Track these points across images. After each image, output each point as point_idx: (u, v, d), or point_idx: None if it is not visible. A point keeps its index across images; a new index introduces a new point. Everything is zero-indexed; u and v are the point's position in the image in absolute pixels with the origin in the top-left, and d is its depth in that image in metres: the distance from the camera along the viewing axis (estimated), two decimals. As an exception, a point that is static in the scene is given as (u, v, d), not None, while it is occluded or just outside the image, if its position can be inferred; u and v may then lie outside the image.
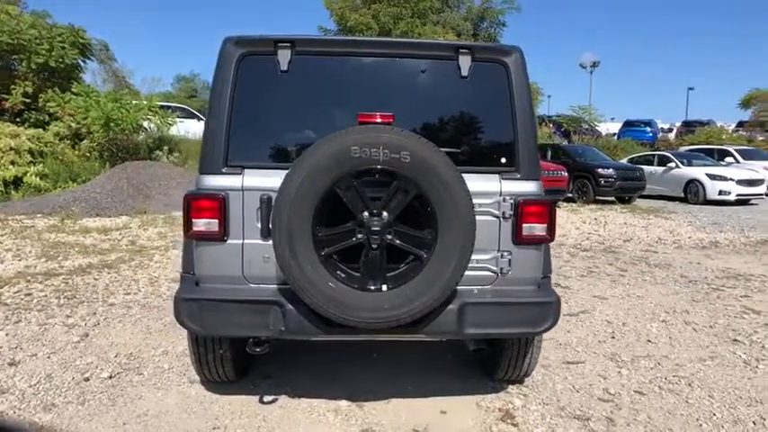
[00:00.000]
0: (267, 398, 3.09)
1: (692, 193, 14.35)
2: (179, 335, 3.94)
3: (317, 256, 2.32)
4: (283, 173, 2.50)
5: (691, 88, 44.48)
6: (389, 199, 2.32)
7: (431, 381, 3.31)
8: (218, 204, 2.53)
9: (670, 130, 32.66)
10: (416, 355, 3.66)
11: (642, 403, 3.10)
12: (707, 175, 14.23)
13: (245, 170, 2.56)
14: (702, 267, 6.65)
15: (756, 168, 15.63)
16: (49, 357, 3.56)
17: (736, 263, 6.92)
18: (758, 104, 30.74)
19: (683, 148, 20.31)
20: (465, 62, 2.60)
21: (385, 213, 2.32)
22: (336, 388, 3.18)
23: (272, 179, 2.54)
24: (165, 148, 13.85)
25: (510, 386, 3.28)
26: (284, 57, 2.55)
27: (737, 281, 5.95)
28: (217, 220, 2.53)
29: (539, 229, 2.61)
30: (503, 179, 2.61)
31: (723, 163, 16.70)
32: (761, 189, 14.33)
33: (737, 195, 13.85)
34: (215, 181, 2.56)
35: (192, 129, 20.25)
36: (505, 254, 2.61)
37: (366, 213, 2.32)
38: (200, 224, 2.54)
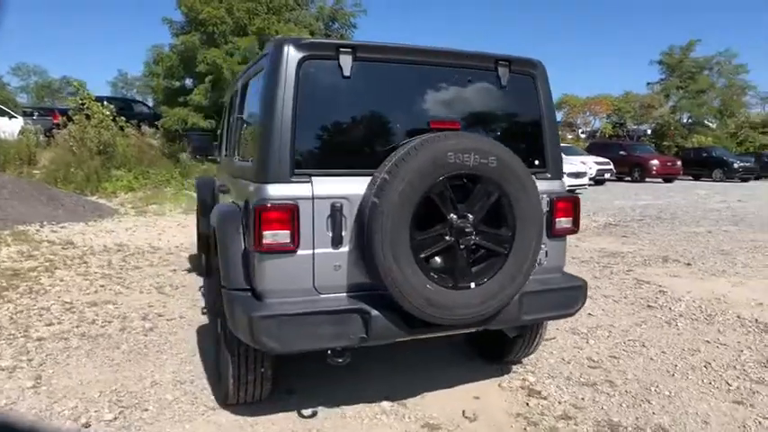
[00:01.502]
0: (305, 411, 3.00)
1: None
2: (152, 363, 3.59)
3: (414, 259, 2.37)
4: (352, 179, 2.51)
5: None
6: (475, 201, 2.46)
7: (444, 373, 3.49)
8: (290, 215, 2.41)
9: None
10: (416, 353, 3.80)
11: (622, 365, 3.66)
12: None
13: (313, 178, 2.48)
14: (582, 249, 7.77)
15: (574, 162, 18.39)
16: (14, 411, 2.98)
17: (604, 243, 8.21)
18: (566, 108, 36.01)
19: None
20: (504, 73, 2.83)
21: (470, 215, 2.45)
22: (367, 392, 3.20)
23: (341, 186, 2.51)
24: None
25: (514, 366, 3.61)
26: (346, 62, 2.52)
27: (615, 258, 7.10)
28: (288, 231, 2.42)
29: (567, 222, 2.96)
30: (537, 179, 2.89)
31: None
32: (584, 180, 16.91)
33: (568, 186, 16.16)
34: (284, 190, 2.44)
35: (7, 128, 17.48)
36: (543, 246, 2.90)
37: (455, 216, 2.43)
38: (272, 236, 2.40)
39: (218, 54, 16.86)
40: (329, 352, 2.55)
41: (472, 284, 2.49)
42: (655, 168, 21.44)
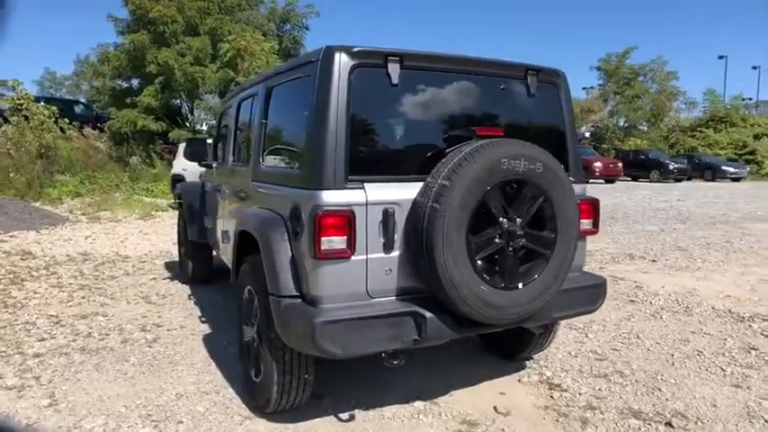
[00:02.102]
0: (343, 415, 3.03)
1: None
2: (168, 375, 3.53)
3: (470, 262, 2.46)
4: (402, 185, 2.58)
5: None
6: (522, 205, 2.59)
7: (463, 371, 3.60)
8: (347, 221, 2.45)
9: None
10: (427, 352, 3.85)
11: (624, 356, 3.90)
12: None
13: (365, 184, 2.53)
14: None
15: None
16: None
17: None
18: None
19: None
20: (532, 82, 2.98)
21: (518, 218, 2.58)
22: (395, 392, 3.27)
23: (392, 192, 2.58)
24: None
25: (527, 362, 3.77)
26: (394, 70, 2.58)
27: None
28: (345, 238, 2.45)
29: (589, 224, 3.14)
30: None
31: None
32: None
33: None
34: (340, 197, 2.47)
35: None
36: None
37: (505, 219, 2.54)
38: (329, 243, 2.43)
39: (170, 54, 16.36)
40: (383, 355, 2.60)
41: (520, 285, 2.61)
42: (598, 170, 22.55)
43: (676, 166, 24.39)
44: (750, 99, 37.92)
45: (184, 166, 13.49)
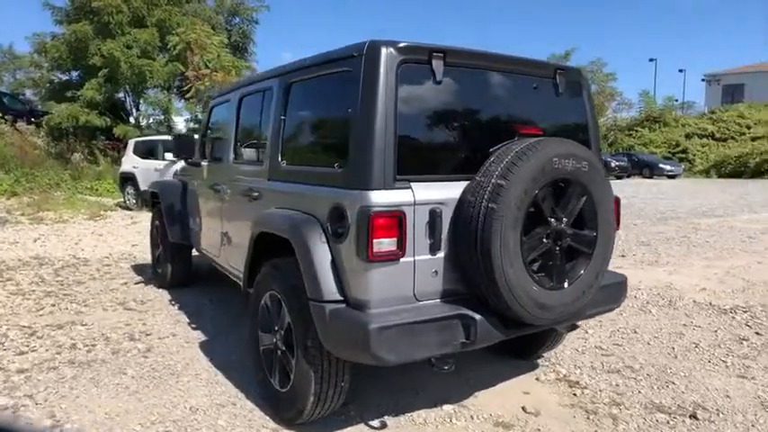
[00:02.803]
0: (373, 423, 2.93)
1: None
2: (175, 387, 3.32)
3: (523, 262, 2.42)
4: (447, 184, 2.51)
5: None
6: (568, 204, 2.57)
7: (480, 373, 3.56)
8: (398, 221, 2.35)
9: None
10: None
11: (628, 351, 3.99)
12: None
13: (412, 183, 2.44)
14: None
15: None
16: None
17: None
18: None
19: None
20: (561, 81, 2.97)
21: (564, 218, 2.56)
22: (421, 397, 3.20)
23: (438, 191, 2.51)
24: None
25: (538, 361, 3.79)
26: (438, 67, 2.50)
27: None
28: (395, 239, 2.36)
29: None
30: None
31: None
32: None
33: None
34: (390, 197, 2.36)
35: None
36: None
37: (553, 219, 2.52)
38: (381, 245, 2.32)
39: (116, 46, 15.53)
40: (432, 360, 2.52)
41: (566, 284, 2.60)
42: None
43: (618, 163, 25.55)
44: (677, 100, 40.26)
45: (135, 164, 12.86)
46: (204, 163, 4.51)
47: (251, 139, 3.64)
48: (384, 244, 2.33)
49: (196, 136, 4.86)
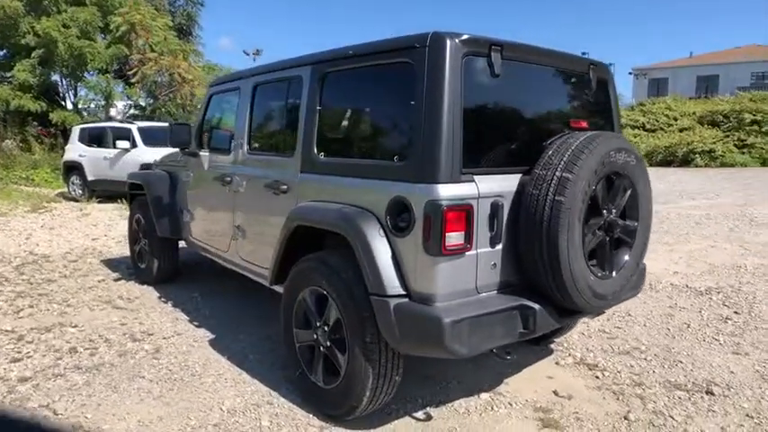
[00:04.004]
0: (418, 415, 2.95)
1: None
2: (201, 390, 3.21)
3: (583, 253, 2.49)
4: (505, 177, 2.55)
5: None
6: (616, 196, 2.66)
7: (503, 361, 3.62)
8: (466, 215, 2.36)
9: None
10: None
11: (630, 333, 4.20)
12: None
13: (475, 176, 2.44)
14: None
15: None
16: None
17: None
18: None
19: None
20: (593, 76, 3.06)
21: (614, 209, 2.65)
22: (456, 387, 3.25)
23: (499, 184, 2.54)
24: None
25: (552, 345, 3.93)
26: (497, 60, 2.51)
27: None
28: (464, 232, 2.36)
29: None
30: None
31: None
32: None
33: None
34: (458, 190, 2.36)
35: None
36: None
37: (606, 211, 2.61)
38: (452, 238, 2.32)
39: (53, 25, 14.48)
40: (494, 350, 2.55)
41: (614, 273, 2.70)
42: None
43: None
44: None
45: (81, 152, 12.08)
46: (204, 153, 4.31)
47: (272, 129, 3.50)
48: (454, 237, 2.33)
49: (192, 124, 4.62)
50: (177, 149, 4.69)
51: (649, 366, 3.60)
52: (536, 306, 2.52)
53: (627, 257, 2.78)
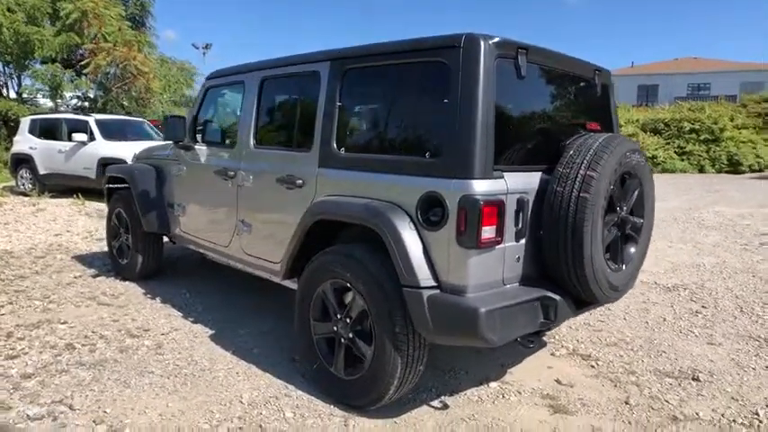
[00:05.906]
0: (435, 404, 3.05)
1: None
2: (214, 384, 3.21)
3: (602, 248, 2.65)
4: (530, 174, 2.70)
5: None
6: (627, 194, 2.85)
7: (498, 351, 3.78)
8: (498, 209, 2.48)
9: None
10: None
11: (613, 326, 4.46)
12: None
13: (504, 173, 2.56)
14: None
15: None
16: None
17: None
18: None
19: None
20: (598, 81, 3.26)
21: (625, 207, 2.84)
22: (465, 377, 3.37)
23: (525, 180, 2.67)
24: None
25: (545, 338, 4.12)
26: (523, 62, 2.64)
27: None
28: (496, 227, 2.48)
29: None
30: None
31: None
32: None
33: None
34: (491, 186, 2.47)
35: None
36: None
37: (619, 208, 2.79)
38: (486, 231, 2.43)
39: (-2, 8, 13.63)
40: (518, 339, 2.68)
41: (624, 266, 2.89)
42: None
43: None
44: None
45: (32, 144, 11.49)
46: (200, 147, 4.24)
47: (284, 124, 3.50)
48: (488, 231, 2.45)
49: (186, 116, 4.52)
50: (160, 143, 4.60)
51: (637, 356, 3.84)
52: (557, 297, 2.67)
53: (634, 251, 2.98)
